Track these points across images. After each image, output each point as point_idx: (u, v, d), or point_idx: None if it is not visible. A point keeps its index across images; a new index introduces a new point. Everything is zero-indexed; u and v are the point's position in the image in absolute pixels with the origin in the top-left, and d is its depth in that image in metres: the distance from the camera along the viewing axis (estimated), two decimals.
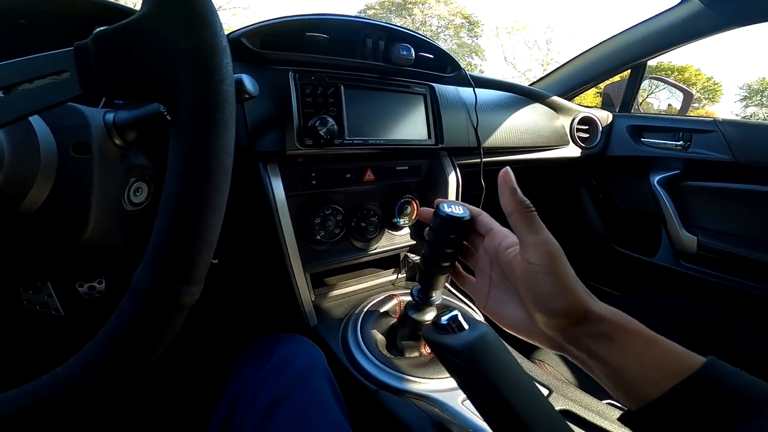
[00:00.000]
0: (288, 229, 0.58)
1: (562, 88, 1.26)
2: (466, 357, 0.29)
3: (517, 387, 0.27)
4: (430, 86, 0.72)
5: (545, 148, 1.00)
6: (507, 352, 0.30)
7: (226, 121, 0.22)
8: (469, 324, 0.33)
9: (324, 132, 0.57)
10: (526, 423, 0.25)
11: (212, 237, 0.22)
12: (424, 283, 0.51)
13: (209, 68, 0.22)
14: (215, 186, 0.22)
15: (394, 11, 13.85)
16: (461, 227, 0.46)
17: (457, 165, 0.77)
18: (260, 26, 0.58)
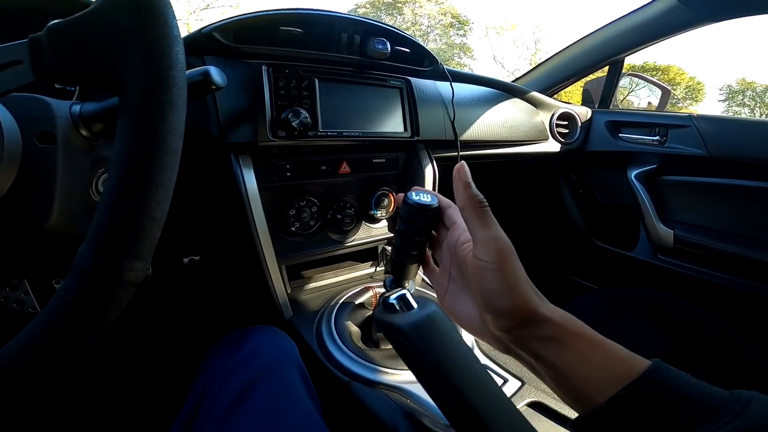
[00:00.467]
0: (260, 221, 0.58)
1: (543, 85, 1.29)
2: (411, 336, 0.29)
3: (462, 367, 0.28)
4: (407, 80, 0.73)
5: (524, 142, 1.02)
6: (455, 332, 0.31)
7: (174, 104, 0.23)
8: (418, 303, 0.33)
9: (297, 124, 0.58)
10: (471, 404, 0.26)
11: (156, 213, 0.23)
12: (395, 273, 0.52)
13: (157, 55, 0.23)
14: (160, 164, 0.23)
15: (385, 10, 13.89)
16: (429, 215, 0.47)
17: (434, 158, 0.79)
18: (233, 21, 0.59)
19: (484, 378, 0.28)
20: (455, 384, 0.27)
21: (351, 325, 0.57)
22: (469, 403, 0.26)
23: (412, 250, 0.50)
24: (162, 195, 0.23)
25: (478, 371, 0.29)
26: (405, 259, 0.51)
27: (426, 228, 0.49)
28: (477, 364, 0.29)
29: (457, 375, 0.27)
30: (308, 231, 0.68)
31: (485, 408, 0.26)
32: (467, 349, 0.30)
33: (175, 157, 0.24)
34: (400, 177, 0.79)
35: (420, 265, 0.54)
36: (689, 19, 0.98)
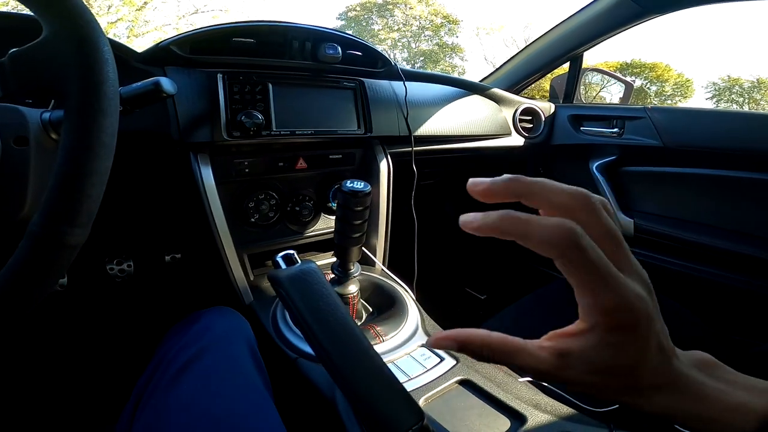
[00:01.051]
0: (218, 214, 0.64)
1: (509, 82, 1.36)
2: (286, 285, 0.36)
3: (326, 315, 0.35)
4: (360, 81, 0.80)
5: (484, 137, 1.08)
6: (325, 285, 0.38)
7: (104, 110, 0.31)
8: (301, 262, 0.40)
9: (249, 124, 0.65)
10: (323, 342, 0.33)
11: (92, 192, 0.30)
12: (339, 255, 0.59)
13: (90, 74, 0.31)
14: (93, 155, 0.30)
15: (376, 12, 14.05)
16: (362, 200, 0.54)
17: (389, 153, 0.85)
18: (187, 35, 0.66)
19: (341, 321, 0.35)
20: (311, 325, 0.34)
21: None
22: (320, 341, 0.33)
23: (353, 233, 0.57)
24: (96, 178, 0.31)
25: (338, 317, 0.36)
26: (346, 242, 0.58)
27: (361, 212, 0.55)
28: (338, 312, 0.36)
29: (316, 318, 0.34)
30: (268, 222, 0.74)
31: (333, 346, 0.33)
32: (331, 298, 0.37)
33: (107, 150, 0.32)
34: (357, 172, 0.86)
35: (361, 247, 0.60)
36: (637, 13, 1.05)
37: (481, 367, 0.54)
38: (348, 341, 0.34)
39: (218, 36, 0.67)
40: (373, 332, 0.58)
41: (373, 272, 0.76)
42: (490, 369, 0.54)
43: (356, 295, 0.60)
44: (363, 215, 0.55)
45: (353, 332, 0.35)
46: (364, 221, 0.56)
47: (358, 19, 13.90)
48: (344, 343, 0.34)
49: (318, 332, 0.34)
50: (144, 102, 0.49)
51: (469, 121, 1.03)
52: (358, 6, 13.93)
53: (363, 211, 0.55)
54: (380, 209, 0.83)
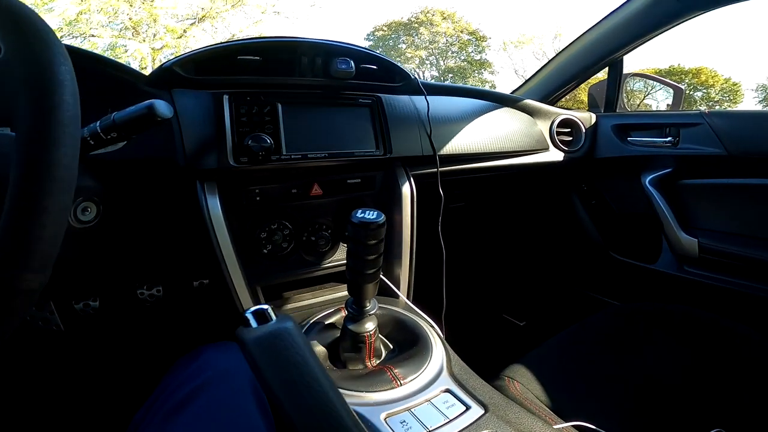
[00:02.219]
0: (225, 244, 0.61)
1: (542, 93, 1.28)
2: (252, 351, 0.30)
3: (300, 389, 0.29)
4: (377, 97, 0.76)
5: (519, 153, 1.01)
6: (299, 352, 0.31)
7: (56, 140, 0.28)
8: (277, 319, 0.34)
9: (258, 149, 0.62)
10: (295, 422, 0.27)
11: (42, 233, 0.27)
12: (353, 293, 0.53)
13: (41, 98, 0.28)
14: (42, 192, 0.27)
15: (402, 31, 14.39)
16: (375, 232, 0.48)
17: (412, 175, 0.79)
18: (191, 55, 0.65)
19: (318, 399, 0.29)
20: (283, 401, 0.28)
21: (316, 345, 0.57)
22: (293, 421, 0.28)
23: (366, 269, 0.51)
24: (48, 218, 0.27)
25: (315, 392, 0.30)
26: (360, 279, 0.52)
27: (375, 246, 0.49)
28: (315, 386, 0.30)
29: (288, 392, 0.29)
30: (282, 253, 0.70)
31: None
32: (307, 367, 0.31)
33: (62, 185, 0.28)
34: (379, 197, 0.81)
35: (377, 283, 0.54)
36: (676, 11, 0.96)
37: (514, 417, 0.48)
38: (326, 425, 0.28)
39: (222, 55, 0.66)
40: (389, 374, 0.52)
41: (396, 306, 0.70)
42: (526, 419, 0.48)
43: (373, 333, 0.55)
44: (377, 249, 0.50)
45: (334, 413, 0.29)
46: (378, 255, 0.50)
47: (385, 38, 14.30)
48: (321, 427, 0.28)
49: (290, 410, 0.28)
50: (139, 127, 0.46)
51: (501, 136, 0.96)
52: (385, 26, 14.36)
53: (377, 245, 0.49)
54: (403, 237, 0.77)
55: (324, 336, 0.60)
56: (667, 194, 1.08)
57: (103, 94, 0.58)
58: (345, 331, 0.55)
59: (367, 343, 0.54)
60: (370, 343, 0.54)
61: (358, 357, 0.55)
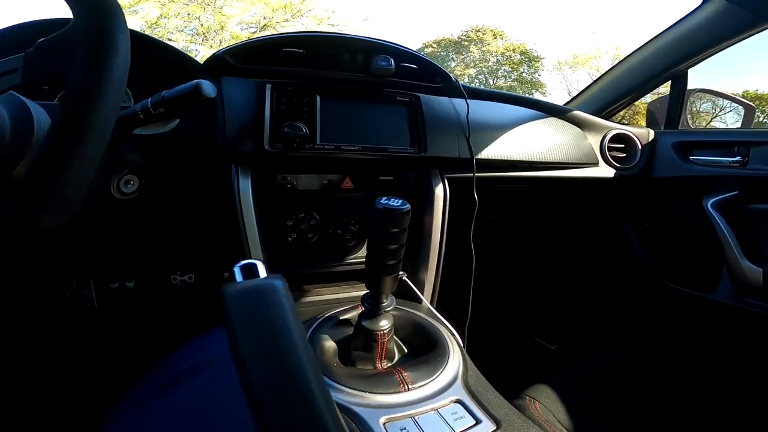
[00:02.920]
0: (251, 226, 0.63)
1: (594, 107, 1.23)
2: (230, 306, 0.29)
3: (271, 353, 0.27)
4: (415, 96, 0.76)
5: (565, 165, 0.96)
6: (283, 313, 0.28)
7: (100, 92, 0.31)
8: (268, 276, 0.32)
9: (293, 136, 0.63)
10: (258, 400, 0.25)
11: (69, 175, 0.29)
12: (372, 286, 0.52)
13: (96, 58, 0.32)
14: (74, 136, 0.29)
15: (452, 48, 14.49)
16: (399, 220, 0.47)
17: (447, 178, 0.78)
18: (240, 45, 0.69)
19: (290, 367, 0.27)
20: (247, 363, 0.26)
21: (327, 339, 0.56)
22: (252, 388, 0.26)
23: (387, 259, 0.50)
24: (76, 162, 0.29)
25: (290, 360, 0.27)
26: (379, 269, 0.51)
27: (398, 234, 0.48)
28: (291, 351, 0.27)
29: (256, 355, 0.27)
30: (306, 243, 0.71)
31: (270, 399, 0.25)
32: (288, 332, 0.28)
33: (93, 134, 0.30)
34: (411, 197, 0.79)
35: (397, 278, 0.53)
36: (747, 21, 0.89)
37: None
38: (293, 396, 0.25)
39: (269, 46, 0.69)
40: (398, 377, 0.49)
41: (419, 310, 0.68)
42: None
43: (388, 332, 0.53)
44: (400, 239, 0.49)
45: (303, 383, 0.26)
46: (400, 246, 0.49)
47: (434, 55, 14.44)
48: (288, 399, 0.25)
49: (251, 371, 0.26)
50: (186, 104, 0.50)
51: (546, 146, 0.92)
52: (434, 43, 14.54)
53: (399, 234, 0.48)
54: (432, 240, 0.76)
55: (336, 331, 0.59)
56: (731, 219, 0.99)
57: (162, 77, 0.62)
58: (358, 328, 0.54)
59: (380, 342, 0.52)
60: (383, 343, 0.53)
61: (368, 357, 0.54)
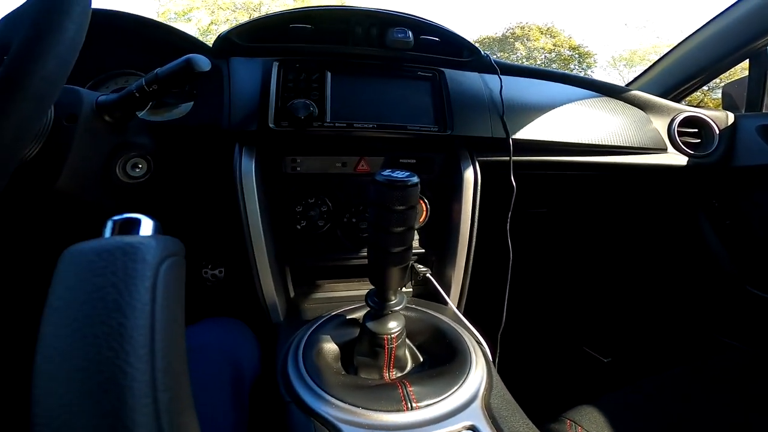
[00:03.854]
0: (253, 212, 0.58)
1: (659, 89, 1.08)
2: (59, 270, 0.19)
3: (78, 337, 0.17)
4: (439, 70, 0.69)
5: (625, 150, 0.83)
6: (132, 278, 0.19)
7: (37, 53, 0.30)
8: (156, 238, 0.22)
9: (299, 113, 0.58)
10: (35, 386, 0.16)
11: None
12: (375, 280, 0.44)
13: (41, 19, 0.31)
14: (7, 96, 0.29)
15: (497, 46, 14.10)
16: (406, 195, 0.39)
17: (478, 161, 0.69)
18: (246, 23, 0.67)
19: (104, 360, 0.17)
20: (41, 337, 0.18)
21: (328, 341, 0.49)
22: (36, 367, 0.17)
23: (391, 245, 0.42)
24: (5, 122, 0.28)
25: (107, 350, 0.17)
26: (382, 258, 0.43)
27: (402, 215, 0.40)
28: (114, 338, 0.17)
29: (56, 328, 0.18)
30: (317, 232, 0.66)
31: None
32: (115, 308, 0.18)
33: (28, 94, 0.29)
34: (437, 182, 0.72)
35: (408, 269, 0.44)
36: None
37: None
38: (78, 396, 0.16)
39: (275, 23, 0.66)
40: (401, 392, 0.41)
41: (443, 313, 0.59)
42: None
43: (396, 336, 0.44)
44: (406, 219, 0.40)
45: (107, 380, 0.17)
46: (408, 229, 0.41)
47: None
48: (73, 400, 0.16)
49: (39, 367, 0.17)
50: (179, 80, 0.50)
51: (601, 128, 0.80)
52: (477, 42, 14.23)
53: (406, 213, 0.40)
54: (461, 233, 0.67)
55: (341, 332, 0.51)
56: None
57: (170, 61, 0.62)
58: (362, 330, 0.46)
59: (386, 348, 0.44)
60: (390, 349, 0.44)
61: (373, 364, 0.46)
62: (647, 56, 11.98)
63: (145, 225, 0.23)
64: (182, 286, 0.22)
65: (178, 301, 0.21)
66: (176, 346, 0.19)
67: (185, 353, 0.20)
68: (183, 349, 0.20)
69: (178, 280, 0.21)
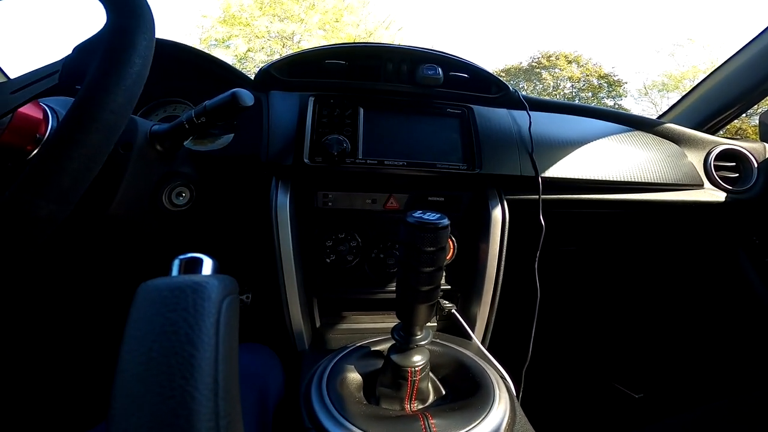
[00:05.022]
0: (286, 244, 0.60)
1: (694, 120, 1.05)
2: (135, 306, 0.22)
3: (147, 371, 0.19)
4: (468, 107, 0.70)
5: (659, 187, 0.80)
6: (195, 324, 0.21)
7: (109, 87, 0.32)
8: (218, 277, 0.24)
9: (333, 149, 0.60)
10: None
11: (68, 165, 0.29)
12: (403, 315, 0.45)
13: (110, 54, 0.33)
14: (78, 126, 0.30)
15: (522, 77, 14.16)
16: (436, 237, 0.40)
17: (508, 200, 0.69)
18: (284, 58, 0.70)
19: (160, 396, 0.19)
20: (119, 373, 0.20)
21: (352, 371, 0.50)
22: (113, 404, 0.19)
23: (420, 285, 0.42)
24: (76, 151, 0.29)
25: (169, 389, 0.19)
26: (410, 296, 0.43)
27: (435, 255, 0.41)
28: (185, 372, 0.19)
29: (131, 368, 0.20)
30: (345, 266, 0.67)
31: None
32: (187, 341, 0.20)
33: (98, 125, 0.30)
34: (465, 221, 0.72)
35: (435, 306, 0.44)
36: None
37: None
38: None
39: (312, 58, 0.69)
40: (422, 424, 0.41)
41: (467, 348, 0.58)
42: None
43: (420, 369, 0.45)
44: (435, 260, 0.41)
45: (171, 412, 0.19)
46: (437, 269, 0.42)
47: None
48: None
49: (118, 390, 0.19)
50: (225, 113, 0.51)
51: (634, 164, 0.78)
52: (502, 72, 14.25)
53: (436, 254, 0.41)
54: (488, 271, 0.67)
55: (365, 363, 0.52)
56: None
57: (216, 92, 0.65)
58: (386, 363, 0.47)
59: (410, 380, 0.44)
60: (413, 381, 0.45)
61: (395, 396, 0.46)
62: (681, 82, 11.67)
63: (206, 264, 0.26)
64: (237, 321, 0.24)
65: (234, 335, 0.23)
66: (233, 375, 0.22)
67: (238, 381, 0.22)
68: (237, 377, 0.22)
69: (235, 315, 0.24)
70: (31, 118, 0.42)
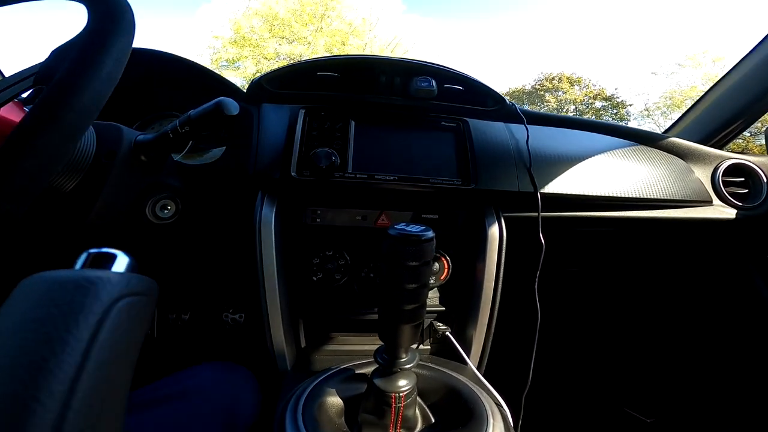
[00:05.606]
0: (269, 262, 0.57)
1: (700, 134, 1.02)
2: (12, 295, 0.19)
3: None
4: (463, 120, 0.68)
5: (665, 203, 0.77)
6: (74, 313, 0.18)
7: (75, 87, 0.31)
8: (133, 277, 0.21)
9: (321, 163, 0.58)
10: None
11: (25, 164, 0.28)
12: (385, 337, 0.41)
13: (81, 55, 0.32)
14: (37, 124, 0.29)
15: (526, 99, 14.31)
16: (420, 251, 0.37)
17: (506, 218, 0.66)
18: (276, 71, 0.69)
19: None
20: None
21: (333, 395, 0.46)
22: None
23: (404, 303, 0.39)
24: (36, 152, 0.28)
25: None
26: (392, 316, 0.40)
27: (419, 270, 0.38)
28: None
29: None
30: (333, 285, 0.64)
31: None
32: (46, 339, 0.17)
33: (58, 125, 0.30)
34: (460, 239, 0.68)
35: (420, 327, 0.41)
36: None
37: None
38: None
39: (303, 70, 0.68)
40: None
41: (461, 373, 0.54)
42: None
43: (405, 395, 0.41)
44: (420, 275, 0.38)
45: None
46: (421, 286, 0.39)
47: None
48: None
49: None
50: (210, 122, 0.50)
51: (639, 180, 0.75)
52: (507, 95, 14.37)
53: (420, 270, 0.38)
54: (484, 291, 0.63)
55: (348, 387, 0.49)
56: None
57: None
58: (369, 386, 0.43)
59: (393, 407, 0.41)
60: (398, 408, 0.41)
61: (378, 423, 0.42)
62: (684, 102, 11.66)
63: (119, 261, 0.23)
64: (139, 328, 0.21)
65: (127, 343, 0.20)
66: (109, 390, 0.18)
67: (124, 399, 0.19)
68: (121, 394, 0.19)
69: (135, 321, 0.21)
70: (5, 120, 0.41)
